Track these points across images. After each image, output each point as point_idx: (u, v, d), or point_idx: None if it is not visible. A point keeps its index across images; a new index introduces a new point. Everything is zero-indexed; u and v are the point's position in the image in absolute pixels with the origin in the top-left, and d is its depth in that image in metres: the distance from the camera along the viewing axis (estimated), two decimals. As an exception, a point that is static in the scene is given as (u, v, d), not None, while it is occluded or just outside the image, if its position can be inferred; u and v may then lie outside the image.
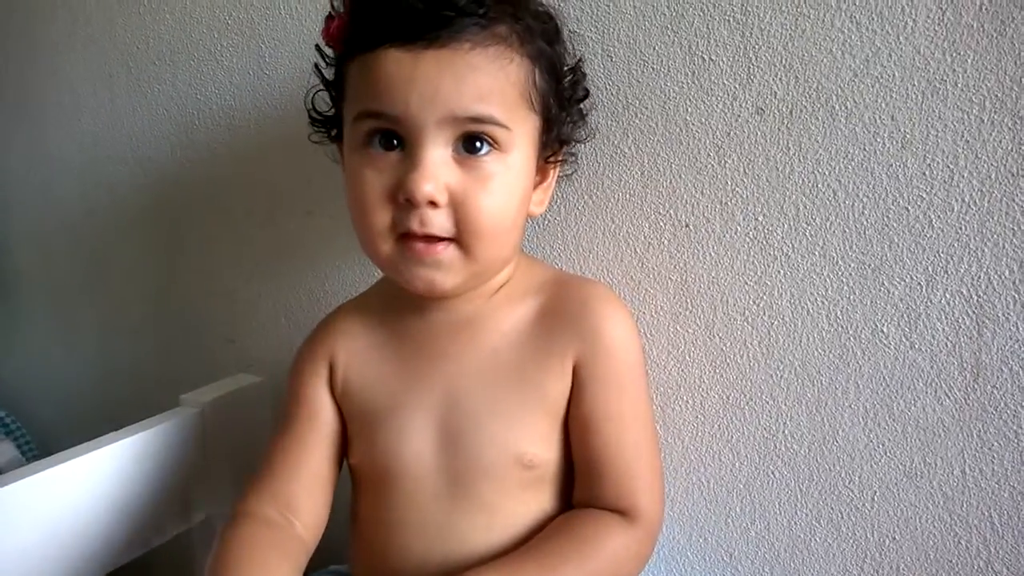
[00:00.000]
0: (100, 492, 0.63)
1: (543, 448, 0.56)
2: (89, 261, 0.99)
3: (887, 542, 0.61)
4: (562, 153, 0.59)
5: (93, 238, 0.97)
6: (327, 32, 0.54)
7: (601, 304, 0.57)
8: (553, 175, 0.59)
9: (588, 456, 0.55)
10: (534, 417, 0.56)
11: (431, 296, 0.55)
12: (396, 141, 0.51)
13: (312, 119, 0.59)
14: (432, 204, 0.50)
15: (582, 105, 0.60)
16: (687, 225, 0.63)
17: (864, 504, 0.61)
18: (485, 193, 0.51)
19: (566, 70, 0.57)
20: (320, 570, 0.66)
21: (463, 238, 0.51)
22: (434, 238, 0.51)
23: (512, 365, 0.56)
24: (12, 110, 1.00)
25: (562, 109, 0.56)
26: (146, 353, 0.96)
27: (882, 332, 0.58)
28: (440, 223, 0.50)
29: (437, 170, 0.50)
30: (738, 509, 0.65)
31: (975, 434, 0.57)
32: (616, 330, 0.56)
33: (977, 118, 0.53)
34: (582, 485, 0.56)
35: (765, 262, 0.61)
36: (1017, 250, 0.54)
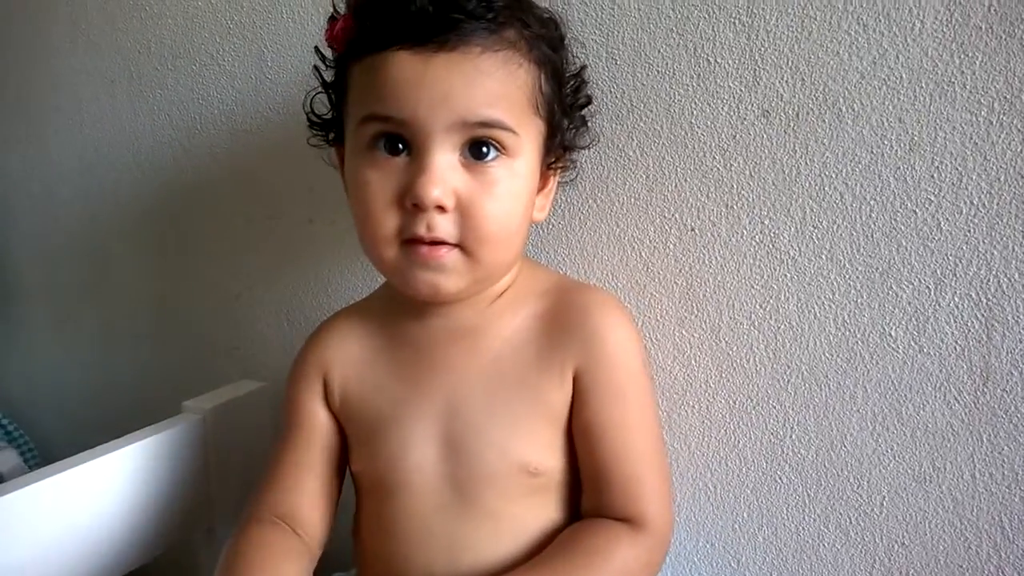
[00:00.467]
0: (103, 500, 0.63)
1: (546, 455, 0.55)
2: (91, 267, 0.98)
3: (896, 547, 0.60)
4: (564, 159, 0.58)
5: (94, 244, 0.97)
6: (331, 33, 0.54)
7: (601, 311, 0.56)
8: (554, 181, 0.59)
9: (593, 464, 0.55)
10: (536, 424, 0.55)
11: (434, 301, 0.55)
12: (402, 145, 0.51)
13: (311, 122, 0.59)
14: (440, 209, 0.49)
15: (584, 112, 0.60)
16: (693, 229, 0.63)
17: (873, 509, 0.60)
18: (491, 199, 0.50)
19: (569, 76, 0.57)
20: (324, 578, 0.66)
21: (468, 243, 0.51)
22: (439, 242, 0.51)
23: (513, 372, 0.56)
24: (13, 115, 1.00)
25: (565, 115, 0.56)
26: (148, 359, 0.96)
27: (890, 336, 0.58)
28: (446, 228, 0.50)
29: (445, 175, 0.49)
30: (745, 514, 0.65)
31: (985, 438, 0.56)
32: (616, 338, 0.56)
33: (986, 120, 0.53)
34: (589, 494, 0.56)
35: (772, 266, 0.61)
36: (1027, 253, 0.53)
